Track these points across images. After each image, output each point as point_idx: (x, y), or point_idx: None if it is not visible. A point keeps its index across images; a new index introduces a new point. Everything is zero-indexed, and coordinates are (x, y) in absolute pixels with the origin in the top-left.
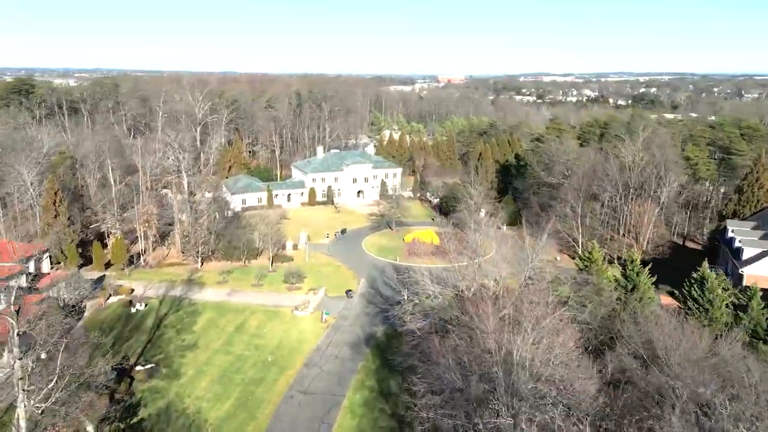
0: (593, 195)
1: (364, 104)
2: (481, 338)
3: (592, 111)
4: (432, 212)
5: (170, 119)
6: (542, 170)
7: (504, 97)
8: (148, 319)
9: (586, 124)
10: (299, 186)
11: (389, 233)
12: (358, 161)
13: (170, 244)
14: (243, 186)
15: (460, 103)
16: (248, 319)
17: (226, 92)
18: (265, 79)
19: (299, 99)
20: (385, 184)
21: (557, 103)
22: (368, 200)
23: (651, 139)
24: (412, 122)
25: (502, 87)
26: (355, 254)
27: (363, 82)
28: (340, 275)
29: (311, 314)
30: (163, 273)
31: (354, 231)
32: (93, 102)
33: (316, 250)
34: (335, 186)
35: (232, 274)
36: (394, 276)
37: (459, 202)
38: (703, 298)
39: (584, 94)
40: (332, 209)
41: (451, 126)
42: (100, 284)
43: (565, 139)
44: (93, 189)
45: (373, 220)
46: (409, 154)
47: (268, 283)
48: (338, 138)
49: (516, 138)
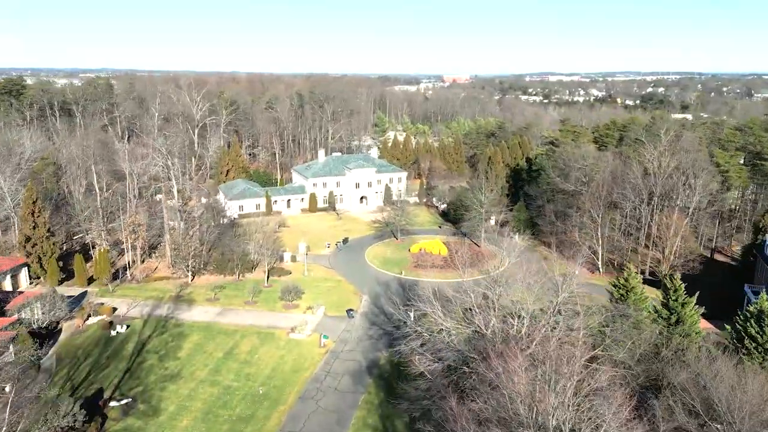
0: (613, 203)
1: (368, 105)
2: (508, 399)
3: (601, 111)
4: (439, 219)
5: (167, 121)
6: (558, 176)
7: (510, 97)
8: (128, 343)
9: (603, 127)
10: (299, 191)
11: (394, 243)
12: (361, 165)
13: (160, 256)
14: (240, 191)
15: (466, 103)
16: (239, 342)
17: (225, 93)
18: (267, 79)
19: (301, 100)
20: (390, 190)
21: (564, 103)
22: (372, 206)
23: (675, 143)
24: (418, 123)
25: (508, 87)
26: (357, 267)
27: (367, 81)
28: (340, 291)
29: (308, 337)
30: (150, 288)
31: (356, 240)
32: (85, 103)
33: (316, 262)
34: (337, 191)
35: (225, 290)
36: (399, 291)
37: (468, 209)
38: (763, 336)
39: (591, 94)
40: (334, 216)
41: (458, 127)
42: (80, 302)
43: (581, 142)
44: (78, 197)
45: (376, 228)
46: (414, 156)
47: (263, 301)
48: (341, 140)
49: (527, 140)
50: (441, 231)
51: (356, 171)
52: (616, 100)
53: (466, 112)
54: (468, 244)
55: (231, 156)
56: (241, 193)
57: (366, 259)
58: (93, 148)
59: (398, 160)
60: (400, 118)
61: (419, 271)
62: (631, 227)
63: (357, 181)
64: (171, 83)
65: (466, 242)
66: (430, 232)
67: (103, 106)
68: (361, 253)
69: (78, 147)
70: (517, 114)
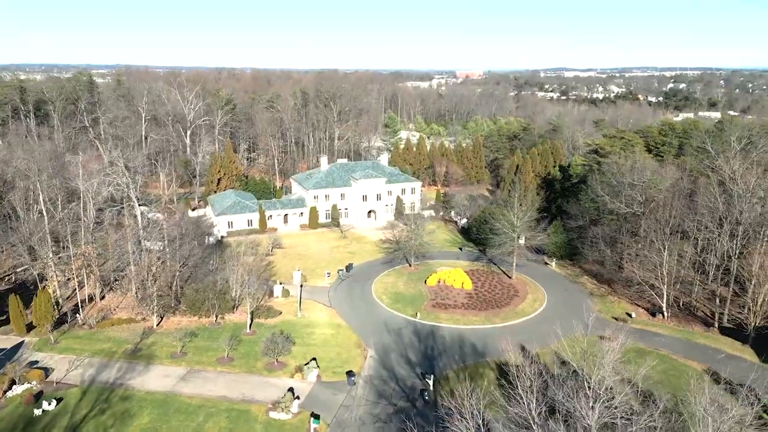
0: (681, 231)
1: (379, 102)
2: None
3: (623, 109)
4: (458, 238)
5: (157, 122)
6: (607, 194)
7: (526, 93)
8: (54, 429)
9: (658, 133)
10: (298, 205)
11: (406, 271)
12: (369, 175)
13: (125, 291)
14: (229, 205)
15: (483, 100)
16: (203, 426)
17: (222, 90)
18: (273, 75)
19: (305, 98)
20: (402, 202)
21: (583, 99)
22: (381, 221)
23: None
24: (432, 123)
25: (524, 82)
26: (362, 305)
27: (379, 77)
28: (340, 341)
29: (294, 417)
30: (103, 338)
31: (363, 266)
32: (65, 103)
33: (313, 296)
34: (341, 205)
35: (196, 339)
36: (414, 343)
37: (497, 233)
38: None
39: (610, 90)
40: (337, 234)
41: (476, 128)
42: (6, 361)
43: (630, 151)
44: (24, 219)
45: (386, 250)
46: (428, 161)
47: (242, 357)
48: (348, 143)
49: (558, 145)
50: (462, 254)
51: (363, 182)
52: (638, 97)
53: (482, 110)
54: (495, 272)
55: (223, 162)
56: (231, 207)
57: (373, 294)
58: (39, 159)
59: (411, 165)
60: (412, 116)
61: (438, 312)
62: (707, 263)
63: (364, 193)
64: (164, 80)
65: (493, 270)
66: (450, 256)
67: (82, 106)
68: (367, 286)
69: (27, 157)
70: (538, 113)
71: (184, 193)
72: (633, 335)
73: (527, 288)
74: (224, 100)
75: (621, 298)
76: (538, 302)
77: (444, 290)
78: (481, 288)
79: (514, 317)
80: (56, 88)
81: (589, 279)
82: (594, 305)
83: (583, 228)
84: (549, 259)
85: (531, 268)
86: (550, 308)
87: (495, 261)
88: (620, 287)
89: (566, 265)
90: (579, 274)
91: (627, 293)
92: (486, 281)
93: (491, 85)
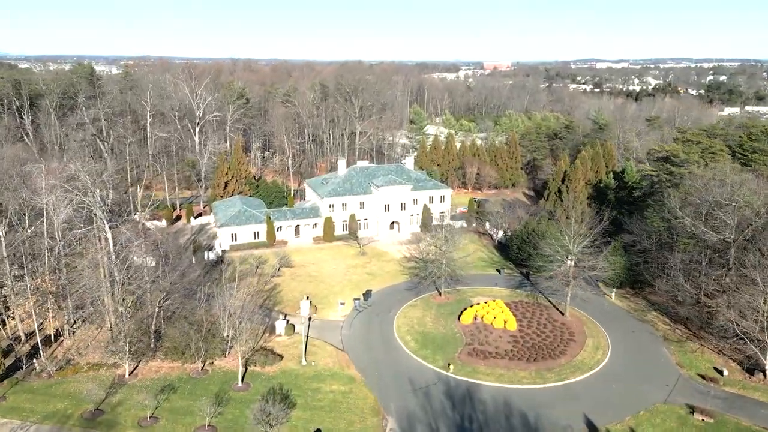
0: None
1: (405, 95)
2: None
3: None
4: (495, 255)
5: (163, 117)
6: (687, 214)
7: (558, 85)
8: None
9: (746, 137)
10: (311, 214)
11: (435, 301)
12: (392, 181)
13: (99, 325)
14: (234, 215)
15: (514, 93)
16: None
17: (235, 83)
18: (295, 66)
19: (324, 92)
20: (429, 211)
21: (618, 92)
22: (405, 234)
23: None
24: (462, 119)
25: (555, 74)
26: (382, 349)
27: (404, 69)
28: (353, 404)
29: None
30: (59, 394)
31: (383, 293)
32: (63, 97)
33: (323, 334)
34: (360, 214)
35: (174, 396)
36: (448, 411)
37: (547, 258)
38: None
39: (647, 82)
40: (355, 248)
41: (510, 124)
42: None
43: (713, 160)
44: None
45: (411, 271)
46: (458, 162)
47: (228, 426)
48: (369, 140)
49: (611, 148)
50: (500, 278)
51: (386, 189)
52: (678, 90)
53: (514, 104)
54: (543, 305)
55: (231, 163)
56: (235, 217)
57: (395, 333)
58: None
59: (439, 166)
60: (439, 110)
61: (476, 363)
62: None
63: (386, 202)
64: (170, 71)
65: (540, 302)
66: (486, 281)
67: (80, 100)
68: (388, 320)
69: None
70: (575, 107)
71: (190, 198)
72: (728, 403)
73: (585, 329)
74: (236, 94)
75: (705, 344)
76: (601, 351)
77: (482, 331)
78: (527, 328)
79: (573, 373)
80: (51, 79)
81: (659, 316)
82: (672, 356)
83: (650, 252)
84: (608, 289)
85: (586, 300)
86: (617, 359)
87: (541, 288)
88: (704, 331)
89: (628, 296)
90: (646, 309)
91: (713, 339)
92: (533, 318)
93: (521, 77)
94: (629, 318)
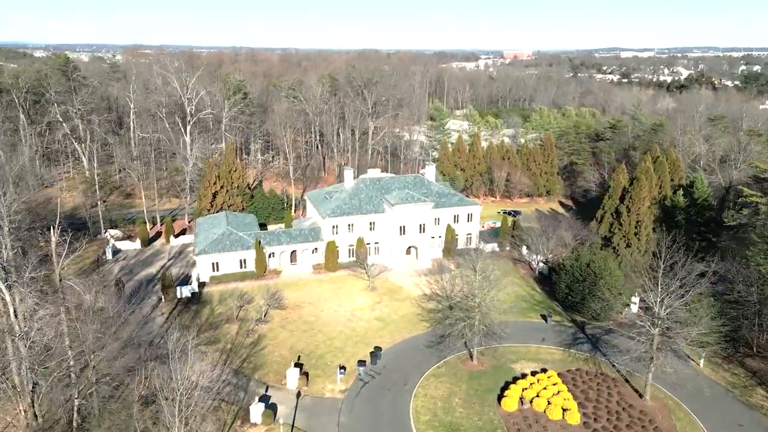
0: None
1: (423, 86)
2: None
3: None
4: (536, 291)
5: (150, 115)
6: None
7: (583, 75)
8: None
9: None
10: (311, 237)
11: (467, 368)
12: (409, 198)
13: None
14: (217, 239)
15: (540, 84)
16: None
17: (232, 75)
18: (308, 55)
19: (334, 85)
20: (454, 232)
21: (647, 83)
22: (424, 261)
23: None
24: (487, 114)
25: (579, 64)
26: None
27: (422, 58)
28: None
29: None
30: None
31: (397, 351)
32: (33, 91)
33: (315, 422)
34: (370, 238)
35: None
36: None
37: (606, 304)
38: None
39: (678, 72)
40: (363, 281)
41: (541, 121)
42: None
43: None
44: None
45: (432, 317)
46: (485, 166)
47: None
48: (383, 139)
49: (677, 158)
50: (548, 329)
51: (401, 208)
52: (712, 80)
53: (540, 97)
54: (609, 377)
55: (222, 169)
56: (218, 242)
57: (413, 425)
58: None
59: (463, 171)
60: (461, 103)
61: None
62: None
63: (402, 224)
64: (156, 61)
65: (604, 370)
66: (530, 334)
67: (50, 96)
68: (402, 401)
69: None
70: (609, 102)
71: (174, 210)
72: None
73: (675, 421)
74: (234, 87)
75: None
76: None
77: (533, 425)
78: (594, 419)
79: None
80: (20, 73)
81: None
82: None
83: (748, 303)
84: (693, 351)
85: (667, 370)
86: None
87: (603, 346)
88: None
89: (719, 361)
90: (747, 382)
91: None
92: (600, 400)
93: (544, 67)
94: (730, 400)
